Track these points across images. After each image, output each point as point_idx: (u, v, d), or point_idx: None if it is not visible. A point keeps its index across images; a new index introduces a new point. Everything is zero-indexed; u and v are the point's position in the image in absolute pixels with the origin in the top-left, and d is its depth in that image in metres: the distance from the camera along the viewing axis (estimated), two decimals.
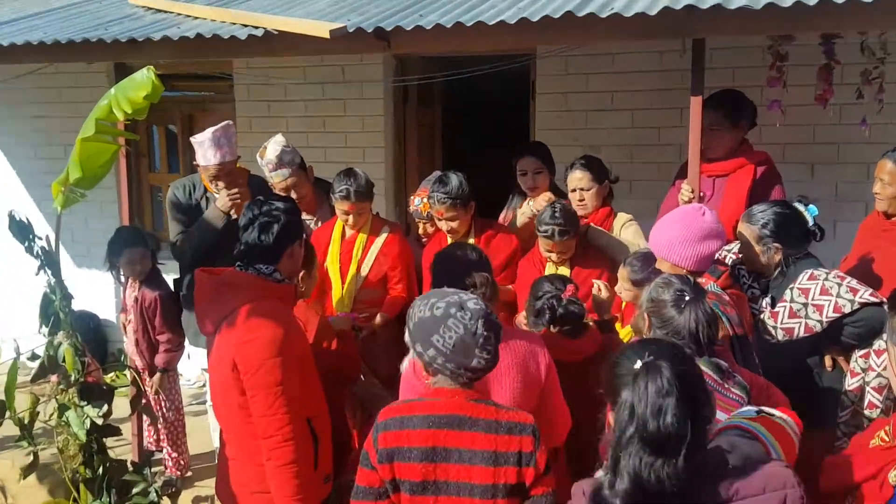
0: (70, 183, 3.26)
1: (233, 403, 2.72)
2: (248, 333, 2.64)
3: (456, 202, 3.85)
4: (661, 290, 2.56)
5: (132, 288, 4.63)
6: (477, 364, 2.16)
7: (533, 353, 2.69)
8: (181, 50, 4.27)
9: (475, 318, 2.16)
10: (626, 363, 1.79)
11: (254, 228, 2.81)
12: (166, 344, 4.59)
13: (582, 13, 3.46)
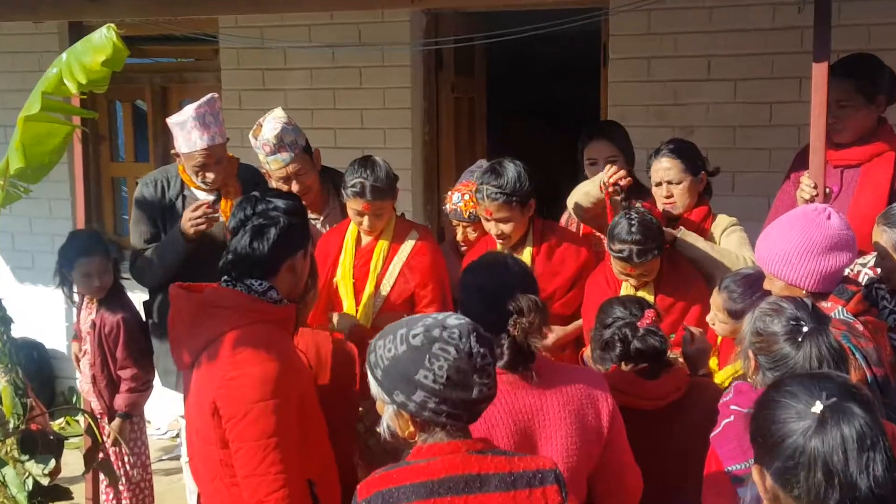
0: (10, 175, 3.30)
1: (213, 459, 2.72)
2: (234, 369, 2.64)
3: (512, 199, 3.84)
4: (769, 320, 2.52)
5: (88, 309, 4.67)
6: (479, 395, 2.16)
7: (592, 399, 2.67)
8: (152, 5, 4.36)
9: (465, 334, 2.16)
10: (790, 406, 1.72)
11: (245, 233, 2.81)
12: (130, 381, 4.61)
13: None
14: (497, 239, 3.98)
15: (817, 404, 1.67)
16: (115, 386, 4.65)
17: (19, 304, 4.50)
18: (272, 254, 2.80)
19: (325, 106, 6.14)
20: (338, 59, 6.03)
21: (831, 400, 1.66)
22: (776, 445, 1.70)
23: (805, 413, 1.68)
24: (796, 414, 1.69)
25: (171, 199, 4.38)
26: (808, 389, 1.71)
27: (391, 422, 2.23)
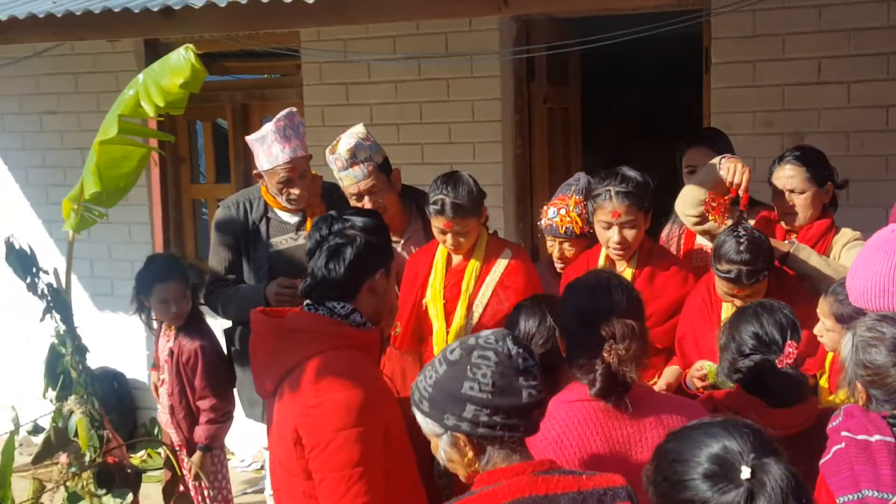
0: (86, 199, 3.38)
1: (297, 491, 2.75)
2: (316, 396, 2.67)
3: (641, 201, 3.82)
4: (874, 351, 2.51)
5: (167, 337, 4.74)
6: (529, 399, 2.17)
7: None
8: (231, 19, 4.43)
9: (500, 338, 2.20)
10: (709, 465, 1.83)
11: (321, 254, 2.84)
12: (209, 412, 4.66)
13: None
14: (615, 248, 3.90)
15: (744, 468, 1.81)
16: (195, 417, 4.70)
17: (99, 333, 4.61)
18: (350, 274, 2.81)
19: (412, 120, 6.16)
20: (424, 71, 6.06)
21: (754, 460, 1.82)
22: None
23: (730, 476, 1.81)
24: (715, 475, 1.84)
25: (254, 222, 4.44)
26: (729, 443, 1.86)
27: (449, 454, 2.24)
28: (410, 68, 6.07)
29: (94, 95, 6.85)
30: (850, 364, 2.59)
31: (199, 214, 7.18)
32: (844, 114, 5.25)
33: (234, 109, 6.85)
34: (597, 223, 3.93)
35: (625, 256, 3.91)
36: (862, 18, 5.12)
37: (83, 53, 6.78)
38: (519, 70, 6.08)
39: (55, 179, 7.12)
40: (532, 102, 6.22)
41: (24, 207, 7.30)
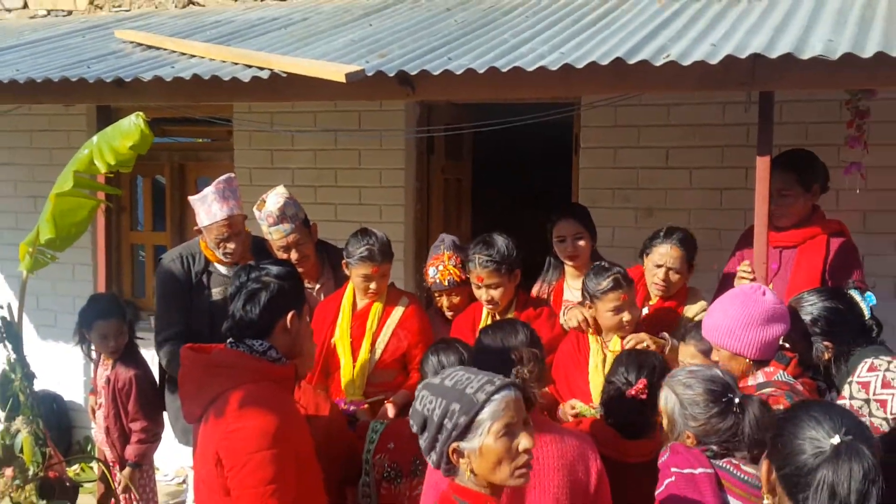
0: (40, 243, 3.34)
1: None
2: (236, 422, 2.65)
3: (501, 268, 3.89)
4: (696, 407, 2.65)
5: (105, 366, 4.68)
6: None
7: (584, 457, 2.69)
8: (175, 92, 4.44)
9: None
10: (815, 430, 1.85)
11: (239, 297, 2.83)
12: (140, 433, 4.60)
13: (633, 60, 3.57)
14: (486, 304, 3.98)
15: (836, 438, 1.80)
16: (127, 437, 4.64)
17: (41, 360, 4.50)
18: (264, 315, 2.80)
19: (328, 184, 6.19)
20: (340, 143, 6.10)
21: (847, 438, 1.81)
22: (791, 455, 1.86)
23: (822, 443, 1.82)
24: (816, 438, 1.83)
25: (196, 274, 4.39)
26: (832, 420, 1.85)
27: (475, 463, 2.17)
28: (328, 139, 6.10)
29: (47, 151, 6.73)
30: (679, 417, 2.70)
31: (137, 258, 7.10)
32: (686, 193, 5.43)
33: (172, 168, 6.80)
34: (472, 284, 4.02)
35: (496, 310, 3.97)
36: (702, 117, 5.33)
37: (39, 114, 6.66)
38: (420, 145, 6.16)
39: (8, 223, 6.95)
40: (431, 173, 6.31)
41: None
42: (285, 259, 4.28)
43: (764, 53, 3.42)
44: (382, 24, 5.17)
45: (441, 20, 5.08)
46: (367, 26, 5.14)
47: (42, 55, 5.36)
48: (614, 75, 3.64)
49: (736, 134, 5.18)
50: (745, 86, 3.61)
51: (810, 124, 5.01)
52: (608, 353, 3.72)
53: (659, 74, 3.56)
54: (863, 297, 3.35)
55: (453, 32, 4.69)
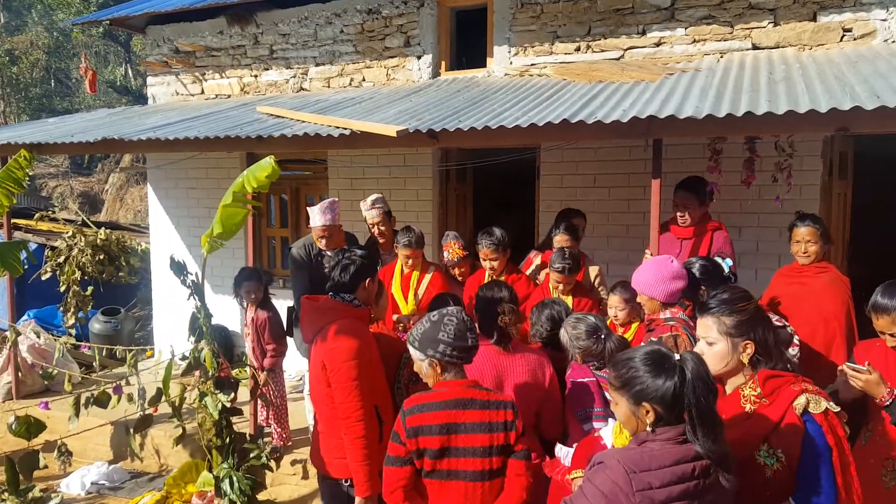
0: (214, 236, 3.33)
1: (322, 393, 2.74)
2: (334, 342, 2.66)
3: (498, 248, 3.84)
4: (580, 334, 2.68)
5: (250, 310, 4.67)
6: (471, 343, 2.20)
7: (542, 366, 2.66)
8: (292, 144, 4.41)
9: (459, 312, 2.23)
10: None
11: (337, 269, 2.84)
12: (272, 352, 4.61)
13: (575, 120, 3.51)
14: (489, 270, 3.92)
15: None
16: (265, 353, 4.64)
17: (215, 306, 4.52)
18: (352, 280, 2.81)
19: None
20: (392, 173, 6.05)
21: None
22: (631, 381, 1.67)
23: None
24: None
25: (314, 257, 4.35)
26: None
27: (426, 369, 2.22)
28: (385, 171, 6.05)
29: (216, 180, 6.72)
30: (570, 344, 2.67)
31: (270, 244, 7.08)
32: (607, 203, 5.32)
33: (291, 190, 6.75)
34: (480, 258, 3.96)
35: (494, 274, 3.92)
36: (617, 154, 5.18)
37: (211, 158, 6.65)
38: (441, 175, 6.10)
39: (194, 224, 6.94)
40: (448, 192, 6.23)
41: (175, 238, 7.09)
42: (374, 234, 4.34)
43: (656, 115, 3.35)
44: (418, 100, 5.11)
45: (453, 97, 5.01)
46: (409, 101, 5.08)
47: (213, 122, 5.34)
48: (562, 129, 3.58)
49: (637, 165, 5.09)
50: (644, 135, 3.54)
51: (685, 159, 4.86)
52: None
53: (590, 129, 3.50)
54: (723, 261, 3.29)
55: (461, 105, 4.62)
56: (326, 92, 6.32)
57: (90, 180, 22.57)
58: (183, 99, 7.16)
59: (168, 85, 7.24)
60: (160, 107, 7.04)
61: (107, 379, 4.90)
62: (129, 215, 18.84)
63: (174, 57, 7.04)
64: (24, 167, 3.73)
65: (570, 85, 4.96)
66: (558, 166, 5.49)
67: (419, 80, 6.02)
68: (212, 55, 6.91)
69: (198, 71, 7.03)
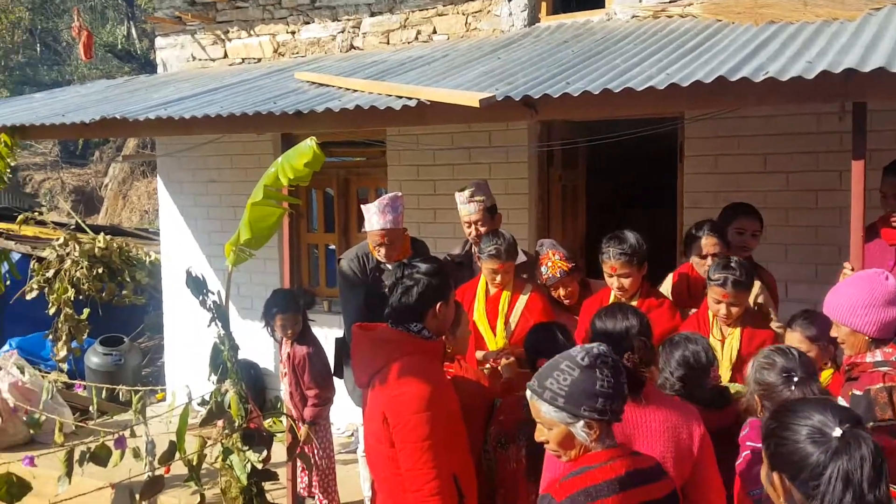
0: (240, 243, 3.46)
1: (383, 455, 2.77)
2: (398, 388, 2.69)
3: (632, 259, 3.75)
4: (765, 372, 2.56)
5: (286, 344, 4.81)
6: (626, 392, 2.20)
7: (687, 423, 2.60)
8: (341, 120, 4.51)
9: (608, 349, 2.20)
10: (813, 431, 1.67)
11: (397, 290, 2.88)
12: (314, 399, 4.72)
13: (734, 77, 3.41)
14: (617, 291, 3.84)
15: (837, 430, 1.64)
16: (305, 400, 4.76)
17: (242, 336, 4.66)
18: (416, 305, 2.85)
19: None
20: (473, 158, 6.09)
21: (847, 427, 1.64)
22: (800, 461, 1.66)
23: (823, 436, 1.64)
24: (818, 436, 1.65)
25: (371, 270, 4.46)
26: (824, 415, 1.68)
27: (581, 435, 2.16)
28: (463, 155, 6.11)
29: (243, 170, 6.99)
30: (751, 381, 2.62)
31: (312, 254, 7.28)
32: (783, 195, 5.17)
33: (338, 181, 6.93)
34: (605, 273, 3.89)
35: (624, 296, 3.82)
36: (798, 126, 5.06)
37: (237, 141, 6.92)
38: (541, 158, 6.09)
39: (215, 228, 7.25)
40: (550, 181, 6.22)
41: (193, 247, 7.43)
42: (470, 237, 4.41)
43: (856, 68, 3.22)
44: (509, 56, 5.13)
45: (560, 51, 4.99)
46: (497, 59, 5.11)
47: (239, 94, 5.54)
48: (716, 92, 3.49)
49: (830, 141, 4.89)
50: (839, 97, 3.41)
51: None
52: (727, 337, 3.58)
53: (758, 90, 3.39)
54: None
55: (571, 61, 4.60)
56: (385, 50, 6.46)
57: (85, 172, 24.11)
58: (201, 65, 7.52)
59: (182, 48, 7.63)
60: (172, 76, 7.43)
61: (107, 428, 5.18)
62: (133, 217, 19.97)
63: (189, 10, 7.41)
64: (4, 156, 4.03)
65: (728, 28, 4.84)
66: (710, 143, 5.35)
67: (510, 30, 6.05)
68: (237, 6, 7.23)
69: (219, 28, 7.37)
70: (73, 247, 8.31)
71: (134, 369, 7.99)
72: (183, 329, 7.31)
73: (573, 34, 5.51)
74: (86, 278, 8.12)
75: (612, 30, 5.43)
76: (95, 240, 8.60)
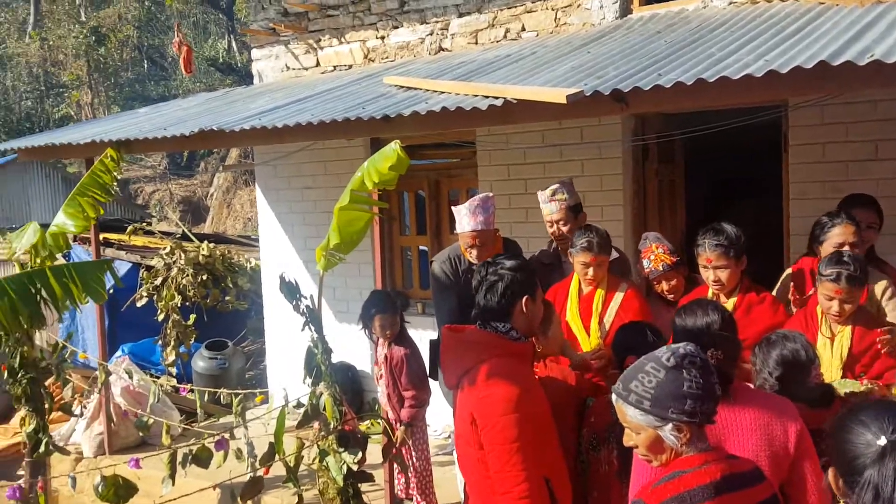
0: (330, 248, 3.55)
1: (473, 457, 2.78)
2: (486, 389, 2.70)
3: (729, 251, 3.64)
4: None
5: (383, 345, 4.89)
6: (718, 392, 2.14)
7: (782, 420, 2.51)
8: (427, 123, 4.56)
9: (696, 349, 2.14)
10: (864, 434, 1.65)
11: (481, 289, 2.89)
12: (411, 400, 4.78)
13: (837, 62, 3.25)
14: (713, 285, 3.73)
15: (882, 439, 1.61)
16: (402, 402, 4.82)
17: (338, 339, 4.79)
18: (501, 302, 2.84)
19: None
20: (564, 155, 6.02)
21: (894, 437, 1.59)
22: (848, 462, 1.66)
23: (870, 443, 1.63)
24: (864, 443, 1.64)
25: (463, 272, 4.48)
26: (878, 423, 1.65)
27: (669, 440, 2.11)
28: (554, 153, 6.05)
29: (336, 176, 7.14)
30: None
31: (405, 257, 7.37)
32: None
33: (429, 184, 6.99)
34: (700, 266, 3.80)
35: (721, 291, 3.71)
36: None
37: (329, 147, 7.08)
38: (636, 152, 5.98)
39: (310, 234, 7.44)
40: (646, 176, 6.09)
41: (290, 252, 7.65)
42: (553, 237, 4.42)
43: None
44: (599, 50, 5.06)
45: (651, 42, 4.89)
46: (586, 54, 5.04)
47: (329, 101, 5.66)
48: (818, 77, 3.34)
49: None
50: None
51: None
52: (837, 334, 3.42)
53: (864, 74, 3.22)
54: None
55: (663, 52, 4.49)
56: (473, 50, 6.48)
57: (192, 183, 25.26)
58: (294, 74, 7.74)
59: (276, 58, 7.87)
60: (267, 86, 7.68)
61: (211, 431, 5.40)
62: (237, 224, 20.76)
63: (282, 21, 7.64)
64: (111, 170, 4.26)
65: (831, 11, 4.64)
66: (816, 131, 5.13)
67: (601, 23, 5.96)
68: (328, 15, 7.40)
69: (311, 37, 7.57)
70: (179, 255, 8.71)
71: (238, 372, 8.28)
72: (282, 333, 7.53)
73: (667, 24, 5.39)
74: (191, 285, 8.50)
75: (707, 18, 5.28)
76: (199, 248, 8.98)
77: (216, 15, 27.35)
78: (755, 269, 3.96)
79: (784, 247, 5.26)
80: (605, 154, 5.90)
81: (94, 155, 6.17)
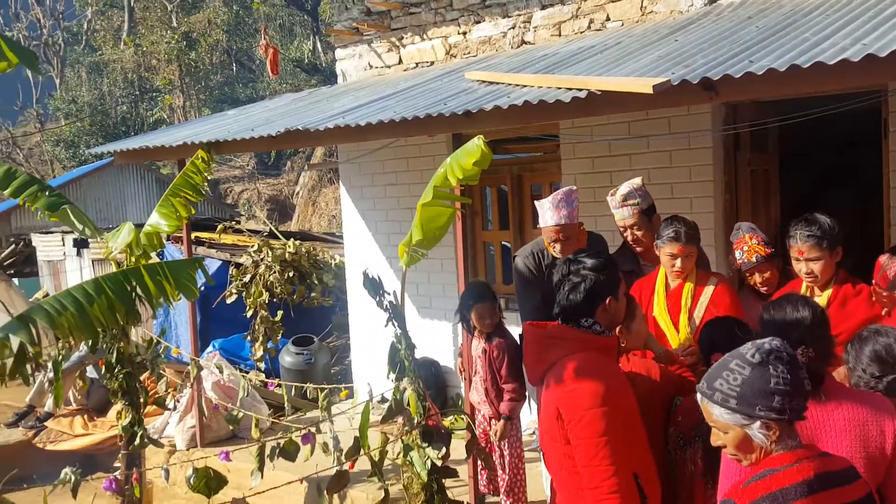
0: (413, 244, 3.59)
1: (559, 453, 2.78)
2: (571, 384, 2.70)
3: (822, 242, 3.55)
4: None
5: (479, 339, 4.80)
6: (807, 387, 2.09)
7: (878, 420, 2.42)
8: (509, 117, 4.53)
9: (783, 344, 2.10)
10: None
11: (564, 287, 2.89)
12: (511, 393, 4.69)
13: None
14: (806, 278, 3.63)
15: None
16: (501, 395, 4.78)
17: (421, 334, 4.82)
18: (585, 302, 2.85)
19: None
20: (652, 146, 5.92)
21: None
22: None
23: None
24: None
25: (546, 267, 4.44)
26: None
27: (758, 438, 2.07)
28: (641, 144, 5.94)
29: (419, 172, 7.20)
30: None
31: (488, 252, 7.38)
32: None
33: (512, 178, 6.96)
34: (792, 258, 3.69)
35: (815, 284, 3.60)
36: None
37: (412, 144, 7.15)
38: (727, 142, 5.81)
39: (394, 230, 7.53)
40: (738, 167, 5.91)
41: (374, 249, 7.75)
42: (627, 241, 4.35)
43: None
44: (687, 38, 4.94)
45: (742, 28, 4.75)
46: (674, 42, 4.93)
47: (411, 98, 5.71)
48: None
49: None
50: None
51: None
52: None
53: None
54: None
55: (754, 38, 4.36)
56: (556, 42, 6.43)
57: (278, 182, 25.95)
58: (377, 73, 7.85)
59: (359, 57, 8.00)
60: (351, 85, 7.81)
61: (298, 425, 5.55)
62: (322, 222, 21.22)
63: (365, 20, 7.76)
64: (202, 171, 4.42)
65: None
66: None
67: (689, 10, 5.83)
68: (410, 12, 7.48)
69: (394, 35, 7.66)
70: (267, 253, 8.96)
71: (324, 368, 8.46)
72: (366, 328, 7.65)
73: (758, 9, 5.22)
74: (278, 282, 8.73)
75: (800, 2, 5.09)
76: (286, 245, 9.22)
77: (301, 17, 27.96)
78: (855, 262, 3.80)
79: (884, 240, 5.03)
80: (695, 144, 5.76)
81: (185, 156, 6.40)
